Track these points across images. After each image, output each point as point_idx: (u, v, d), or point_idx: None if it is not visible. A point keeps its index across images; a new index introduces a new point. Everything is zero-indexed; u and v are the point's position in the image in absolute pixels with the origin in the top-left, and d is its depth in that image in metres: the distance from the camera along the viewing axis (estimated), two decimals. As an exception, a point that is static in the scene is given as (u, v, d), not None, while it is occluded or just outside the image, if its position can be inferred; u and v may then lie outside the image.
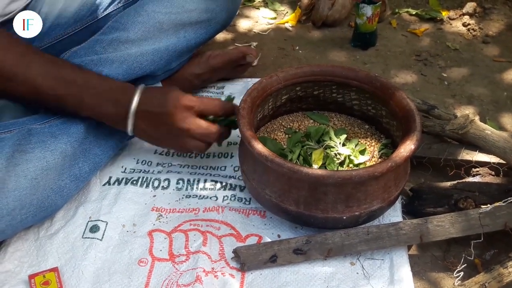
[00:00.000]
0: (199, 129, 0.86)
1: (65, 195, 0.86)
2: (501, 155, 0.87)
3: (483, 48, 1.39)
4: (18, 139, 0.81)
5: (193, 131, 0.86)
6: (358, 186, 0.78)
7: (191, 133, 0.86)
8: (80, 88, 0.83)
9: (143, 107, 0.85)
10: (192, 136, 0.87)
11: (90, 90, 0.84)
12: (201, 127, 0.86)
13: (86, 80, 0.85)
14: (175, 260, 0.82)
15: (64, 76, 0.82)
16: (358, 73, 0.95)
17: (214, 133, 0.88)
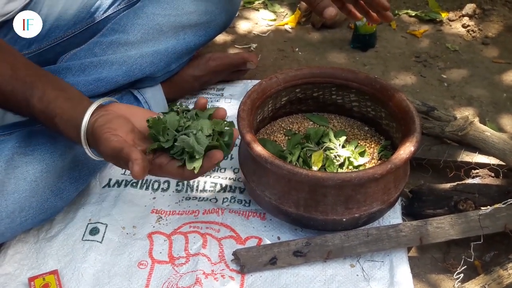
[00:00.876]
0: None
1: (64, 197, 0.86)
2: (501, 157, 0.87)
3: (483, 49, 1.39)
4: (18, 141, 0.81)
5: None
6: (358, 188, 0.78)
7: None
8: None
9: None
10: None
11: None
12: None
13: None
14: (175, 263, 0.82)
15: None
16: (358, 75, 0.95)
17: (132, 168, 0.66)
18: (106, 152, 0.68)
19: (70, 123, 0.72)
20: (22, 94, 0.73)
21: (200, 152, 0.68)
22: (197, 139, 0.69)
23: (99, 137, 0.69)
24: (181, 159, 0.69)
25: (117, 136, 0.68)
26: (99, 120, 0.70)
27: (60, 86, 0.76)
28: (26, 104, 0.73)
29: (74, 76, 0.97)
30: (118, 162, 0.69)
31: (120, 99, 1.00)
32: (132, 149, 0.66)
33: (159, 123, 0.70)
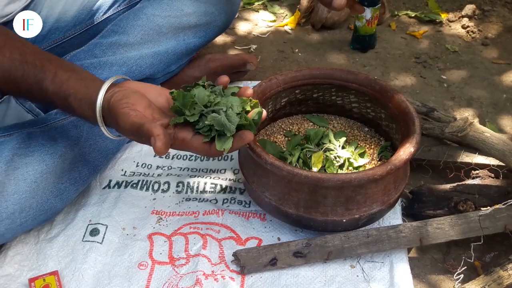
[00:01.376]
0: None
1: (64, 198, 0.86)
2: (500, 158, 0.87)
3: (482, 50, 1.39)
4: (18, 142, 0.81)
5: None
6: (358, 189, 0.78)
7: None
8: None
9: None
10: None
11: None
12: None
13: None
14: (175, 263, 0.82)
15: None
16: (358, 76, 0.95)
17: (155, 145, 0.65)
18: (125, 128, 0.67)
19: (85, 102, 0.71)
20: (33, 77, 0.72)
21: (232, 130, 0.66)
22: (227, 117, 0.67)
23: (116, 112, 0.67)
24: (207, 136, 0.67)
25: (136, 111, 0.66)
26: (115, 95, 0.69)
27: (71, 67, 0.76)
28: (38, 88, 0.72)
29: (74, 77, 0.96)
30: (138, 138, 0.67)
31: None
32: (153, 124, 0.64)
33: (186, 96, 0.68)
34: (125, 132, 0.68)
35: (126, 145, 1.03)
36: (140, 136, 0.66)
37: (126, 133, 0.68)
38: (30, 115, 0.94)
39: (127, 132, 0.68)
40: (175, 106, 0.68)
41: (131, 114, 0.66)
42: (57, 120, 0.88)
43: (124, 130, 0.68)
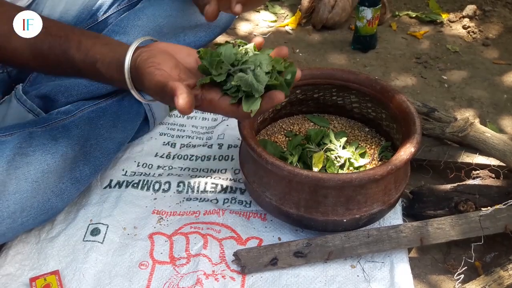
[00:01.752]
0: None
1: (65, 198, 0.86)
2: (501, 158, 0.87)
3: (483, 50, 1.39)
4: (19, 142, 0.81)
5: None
6: (358, 189, 0.78)
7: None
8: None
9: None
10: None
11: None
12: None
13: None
14: (176, 263, 0.82)
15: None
16: (358, 76, 0.95)
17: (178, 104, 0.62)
18: (150, 87, 0.65)
19: (112, 65, 0.70)
20: (59, 48, 0.72)
21: (260, 90, 0.62)
22: (255, 76, 0.62)
23: (142, 72, 0.65)
24: (235, 97, 0.64)
25: (161, 70, 0.64)
26: (142, 55, 0.67)
27: (95, 34, 0.75)
28: (65, 58, 0.72)
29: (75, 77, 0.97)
30: (163, 98, 0.65)
31: (121, 100, 1.00)
32: (177, 83, 0.62)
33: (212, 55, 0.64)
34: (150, 92, 0.67)
35: (127, 145, 1.04)
36: (164, 96, 0.63)
37: (151, 93, 0.67)
38: (31, 115, 0.94)
39: (152, 92, 0.66)
40: (202, 65, 0.65)
41: (156, 73, 0.64)
42: (58, 120, 0.88)
43: (149, 90, 0.66)
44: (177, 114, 1.14)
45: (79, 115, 0.91)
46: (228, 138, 1.07)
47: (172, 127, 1.12)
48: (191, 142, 1.08)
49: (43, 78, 0.98)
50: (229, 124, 1.11)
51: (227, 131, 1.09)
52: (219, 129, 1.10)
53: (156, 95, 0.66)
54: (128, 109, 1.00)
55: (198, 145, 1.07)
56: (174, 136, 1.09)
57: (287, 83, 0.65)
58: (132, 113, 1.01)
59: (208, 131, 1.11)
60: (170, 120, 1.13)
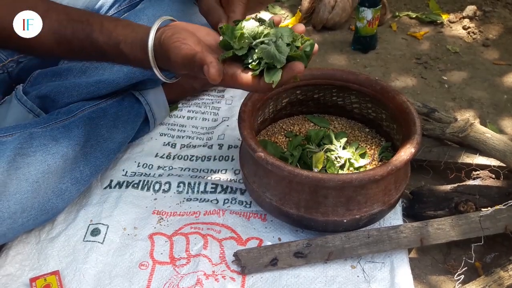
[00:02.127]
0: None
1: (66, 198, 0.86)
2: (501, 158, 0.87)
3: (483, 51, 1.39)
4: (20, 142, 0.81)
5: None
6: (359, 190, 0.79)
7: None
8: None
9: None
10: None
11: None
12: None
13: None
14: (176, 264, 0.82)
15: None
16: (358, 76, 0.95)
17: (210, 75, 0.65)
18: (177, 61, 0.67)
19: (136, 45, 0.72)
20: (82, 32, 0.74)
21: (282, 61, 0.63)
22: (277, 47, 0.64)
23: (168, 47, 0.67)
24: (256, 70, 0.65)
25: (187, 45, 0.66)
26: (166, 32, 0.69)
27: (114, 18, 0.77)
28: (89, 42, 0.74)
29: (76, 78, 0.97)
30: (191, 69, 0.67)
31: (122, 101, 1.00)
32: (205, 53, 0.65)
33: (235, 29, 0.66)
34: (177, 66, 0.68)
35: (127, 146, 1.04)
36: (193, 67, 0.66)
37: (178, 67, 0.68)
38: (32, 115, 0.94)
39: (179, 66, 0.68)
40: (224, 40, 0.66)
41: (183, 47, 0.66)
42: (58, 120, 0.88)
43: (176, 64, 0.68)
44: (177, 115, 1.14)
45: (79, 116, 0.91)
46: (228, 138, 1.07)
47: (173, 127, 1.12)
48: (191, 143, 1.08)
49: (43, 79, 0.98)
50: (229, 124, 1.11)
51: (227, 132, 1.09)
52: (219, 129, 1.10)
53: (184, 67, 0.68)
54: (128, 109, 1.00)
55: (198, 146, 1.07)
56: (175, 136, 1.09)
57: (306, 54, 0.66)
58: (133, 113, 1.01)
59: (209, 132, 1.11)
60: (171, 120, 1.13)
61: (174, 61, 0.68)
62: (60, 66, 0.99)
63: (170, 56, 0.67)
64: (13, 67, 1.02)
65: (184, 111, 1.16)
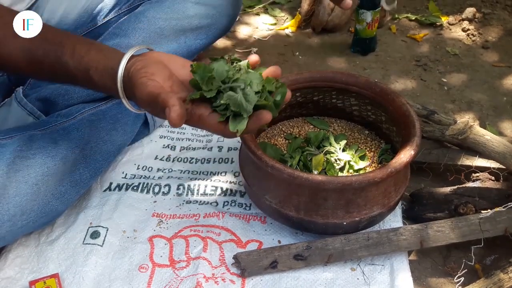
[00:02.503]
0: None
1: (65, 201, 0.86)
2: (501, 160, 0.87)
3: (483, 53, 1.39)
4: (19, 145, 0.81)
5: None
6: (358, 192, 0.79)
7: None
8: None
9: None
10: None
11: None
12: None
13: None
14: (176, 266, 0.82)
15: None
16: (358, 79, 0.95)
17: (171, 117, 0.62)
18: (142, 98, 0.65)
19: (106, 73, 0.69)
20: (53, 54, 0.72)
21: (249, 110, 0.62)
22: (245, 95, 0.62)
23: (135, 82, 0.65)
24: (223, 115, 0.63)
25: (154, 81, 0.64)
26: (136, 64, 0.67)
27: (89, 41, 0.75)
28: (59, 64, 0.72)
29: (76, 80, 0.97)
30: (154, 110, 0.65)
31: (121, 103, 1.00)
32: (169, 95, 0.62)
33: (205, 70, 0.64)
34: (142, 103, 0.66)
35: (127, 148, 1.04)
36: (156, 107, 0.63)
37: (143, 104, 0.66)
38: (32, 117, 0.94)
39: (144, 103, 0.66)
40: (194, 80, 0.64)
41: (149, 84, 0.64)
42: (58, 123, 0.88)
43: (141, 101, 0.66)
44: (177, 117, 1.14)
45: (79, 118, 0.91)
46: (228, 140, 1.08)
47: (172, 129, 1.12)
48: (191, 145, 1.08)
49: (43, 81, 0.98)
50: (229, 126, 1.11)
51: (227, 134, 1.09)
52: (219, 132, 1.10)
53: (148, 106, 0.66)
54: (128, 112, 0.99)
55: (198, 148, 1.07)
56: (174, 138, 1.09)
57: (276, 104, 0.65)
58: (132, 115, 1.01)
59: (208, 134, 1.11)
60: (170, 123, 1.13)
61: (139, 97, 0.65)
62: (60, 69, 0.99)
63: (136, 92, 0.65)
64: (13, 70, 1.02)
65: (184, 113, 1.16)
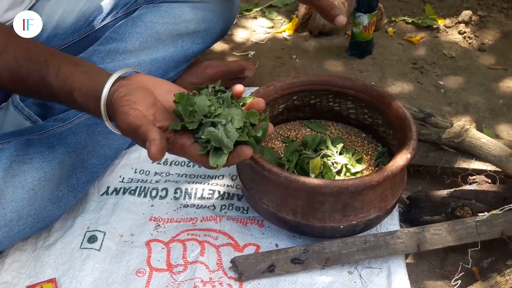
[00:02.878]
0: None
1: (62, 205, 0.86)
2: (497, 163, 0.88)
3: (479, 56, 1.40)
4: (16, 150, 0.81)
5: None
6: (355, 195, 0.79)
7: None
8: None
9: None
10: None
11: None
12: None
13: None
14: (173, 270, 0.82)
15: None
16: (355, 82, 0.96)
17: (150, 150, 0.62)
18: (123, 127, 0.64)
19: (90, 95, 0.68)
20: (38, 73, 0.71)
21: (229, 146, 0.63)
22: (226, 132, 0.64)
23: (116, 109, 0.64)
24: (204, 147, 0.65)
25: (136, 110, 0.63)
26: (119, 90, 0.66)
27: (75, 61, 0.74)
28: (43, 84, 0.71)
29: (73, 84, 0.97)
30: (135, 139, 0.65)
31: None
32: (150, 127, 0.61)
33: (187, 103, 0.64)
34: (123, 132, 0.66)
35: (124, 152, 1.04)
36: (137, 138, 0.63)
37: (123, 132, 0.66)
38: (28, 122, 0.94)
39: (125, 132, 0.65)
40: (176, 111, 0.65)
41: (130, 113, 0.63)
42: (55, 127, 0.88)
43: (122, 130, 0.65)
44: (174, 121, 1.14)
45: (76, 122, 0.91)
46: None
47: (170, 133, 1.12)
48: (188, 149, 1.08)
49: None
50: (226, 130, 1.11)
51: (224, 138, 1.09)
52: (216, 135, 1.10)
53: (128, 135, 0.65)
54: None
55: (195, 152, 1.07)
56: (172, 142, 1.09)
57: (257, 140, 0.66)
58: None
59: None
60: (168, 126, 1.13)
61: (120, 126, 0.65)
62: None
63: (117, 120, 0.65)
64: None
65: (181, 117, 1.16)
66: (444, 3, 1.60)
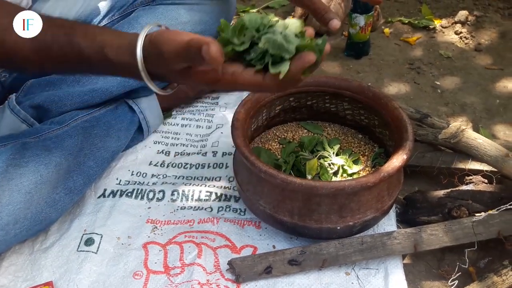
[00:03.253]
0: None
1: (59, 208, 0.86)
2: (493, 164, 0.88)
3: (476, 56, 1.40)
4: (12, 153, 0.81)
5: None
6: (351, 197, 0.79)
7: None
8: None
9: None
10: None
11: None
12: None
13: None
14: (170, 273, 0.82)
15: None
16: (351, 83, 0.96)
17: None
18: (170, 51, 0.60)
19: (122, 48, 0.66)
20: (64, 36, 0.69)
21: (291, 50, 0.55)
22: (285, 37, 0.56)
23: (160, 41, 0.61)
24: (261, 64, 0.57)
25: (183, 33, 0.61)
26: (156, 32, 0.64)
27: (101, 26, 0.73)
28: (70, 47, 0.68)
29: (69, 87, 0.97)
30: (188, 59, 0.60)
31: (115, 109, 1.00)
32: (201, 36, 0.58)
33: (236, 22, 0.58)
34: (172, 60, 0.62)
35: (121, 154, 1.04)
36: (189, 54, 0.59)
37: (172, 59, 0.62)
38: (25, 125, 0.94)
39: (174, 59, 0.61)
40: (222, 37, 0.58)
41: (177, 37, 0.60)
42: (51, 130, 0.88)
43: (170, 58, 0.61)
44: (171, 123, 1.14)
45: (72, 125, 0.91)
46: (223, 145, 1.08)
47: (166, 135, 1.12)
48: (185, 150, 1.08)
49: (36, 88, 0.98)
50: (223, 131, 1.11)
51: (221, 139, 1.09)
52: (213, 136, 1.11)
53: (179, 59, 0.61)
54: (121, 118, 1.00)
55: (192, 153, 1.07)
56: (168, 144, 1.09)
57: (319, 48, 0.58)
58: (126, 122, 1.01)
59: (203, 139, 1.11)
60: (164, 128, 1.13)
61: (167, 54, 0.61)
62: (54, 76, 0.99)
63: (163, 50, 0.61)
64: (6, 77, 1.02)
65: (178, 118, 1.16)
66: (440, 3, 1.60)
